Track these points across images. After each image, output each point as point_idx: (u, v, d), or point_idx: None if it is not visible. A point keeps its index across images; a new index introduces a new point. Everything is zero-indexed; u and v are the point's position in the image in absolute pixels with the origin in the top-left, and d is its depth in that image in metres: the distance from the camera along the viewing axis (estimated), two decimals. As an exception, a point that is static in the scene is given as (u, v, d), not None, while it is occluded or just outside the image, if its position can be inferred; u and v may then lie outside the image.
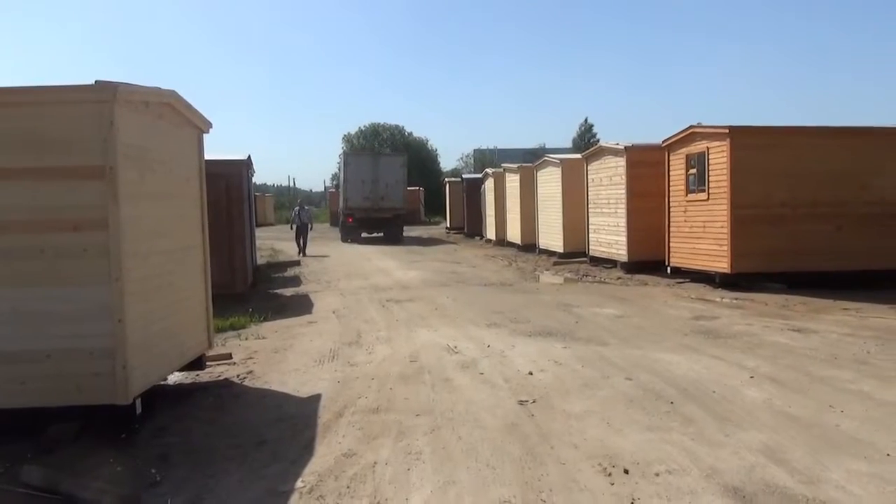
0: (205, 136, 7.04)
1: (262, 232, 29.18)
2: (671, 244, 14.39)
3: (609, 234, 16.60)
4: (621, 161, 15.83)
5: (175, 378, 6.85)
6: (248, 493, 4.23)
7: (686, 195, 13.85)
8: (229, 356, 7.77)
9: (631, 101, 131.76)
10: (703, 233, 13.22)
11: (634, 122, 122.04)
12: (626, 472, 4.31)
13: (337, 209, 35.82)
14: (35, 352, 4.94)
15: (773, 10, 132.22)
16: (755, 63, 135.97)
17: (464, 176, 38.41)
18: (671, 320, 9.68)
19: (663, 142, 14.62)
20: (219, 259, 9.70)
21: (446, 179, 41.97)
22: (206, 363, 7.11)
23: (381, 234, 29.73)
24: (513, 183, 23.79)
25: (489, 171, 27.90)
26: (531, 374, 6.75)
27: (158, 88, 5.87)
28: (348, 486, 4.24)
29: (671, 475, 4.25)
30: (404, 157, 31.87)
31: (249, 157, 15.27)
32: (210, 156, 7.28)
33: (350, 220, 29.48)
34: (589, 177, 17.80)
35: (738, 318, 9.73)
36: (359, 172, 29.49)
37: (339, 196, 33.68)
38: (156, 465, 4.66)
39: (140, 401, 5.33)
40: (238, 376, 7.06)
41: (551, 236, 20.24)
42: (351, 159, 30.86)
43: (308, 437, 5.15)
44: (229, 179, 12.55)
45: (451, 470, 4.43)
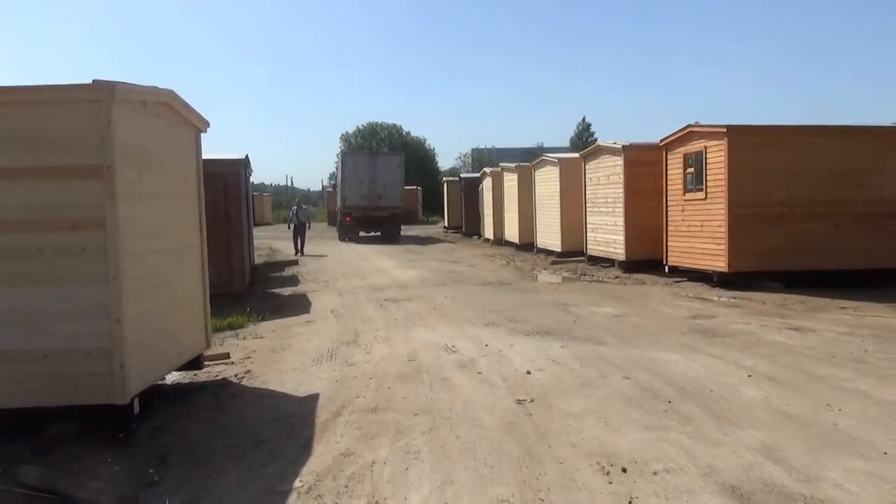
0: (202, 135, 7.05)
1: (259, 231, 29.19)
2: (669, 243, 14.41)
3: (607, 233, 16.61)
4: (619, 160, 15.85)
5: (173, 378, 6.85)
6: (247, 492, 4.23)
7: (684, 194, 13.86)
8: (227, 356, 7.76)
9: (629, 101, 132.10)
10: (700, 232, 13.24)
11: (632, 122, 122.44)
12: (624, 470, 4.32)
13: (335, 208, 35.93)
14: (32, 351, 4.94)
15: (772, 10, 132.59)
16: (754, 63, 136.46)
17: (462, 175, 38.44)
18: (669, 319, 9.69)
19: (661, 141, 14.64)
20: (217, 258, 9.70)
21: (444, 179, 41.98)
22: (204, 363, 7.11)
23: (379, 233, 29.84)
24: (511, 182, 23.80)
25: (487, 170, 27.94)
26: (529, 373, 6.75)
27: (156, 88, 5.87)
28: (346, 486, 4.24)
29: (669, 474, 4.26)
30: (401, 156, 32.07)
31: (247, 156, 15.26)
32: (208, 155, 7.28)
33: (348, 218, 29.66)
34: (587, 176, 17.82)
35: (736, 316, 9.75)
36: (356, 172, 29.67)
37: (336, 195, 33.83)
38: (154, 464, 4.66)
39: (138, 400, 5.33)
40: (236, 376, 7.06)
41: (549, 235, 20.26)
42: (348, 158, 31.15)
43: (306, 437, 5.14)
44: (227, 179, 12.54)
45: (449, 469, 4.43)
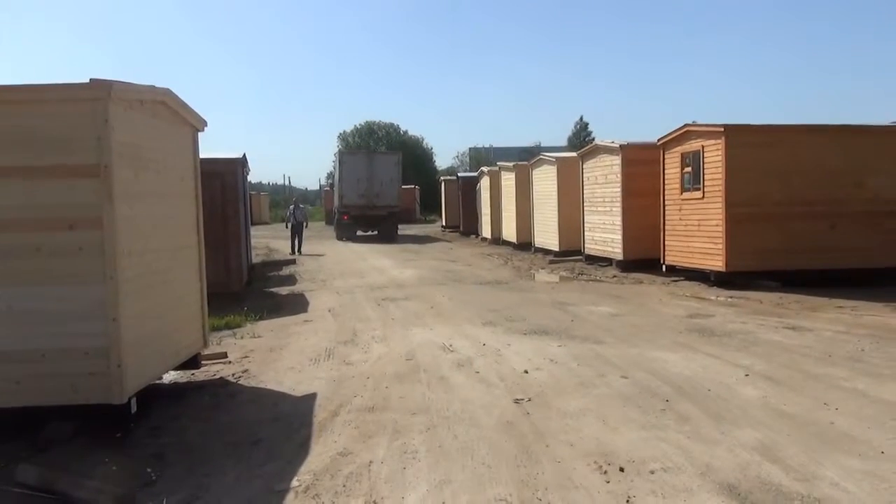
0: (200, 134, 7.04)
1: (257, 230, 29.21)
2: (666, 242, 14.43)
3: (604, 232, 16.62)
4: (616, 159, 15.85)
5: (170, 377, 6.84)
6: (244, 492, 4.23)
7: (681, 193, 13.88)
8: (225, 355, 7.76)
9: (626, 100, 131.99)
10: (698, 231, 13.25)
11: (630, 121, 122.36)
12: (622, 470, 4.32)
13: (332, 207, 36.01)
14: (30, 351, 4.92)
15: (770, 10, 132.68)
16: (752, 62, 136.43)
17: (459, 174, 38.38)
18: (666, 318, 9.70)
19: (658, 140, 14.64)
20: (214, 258, 9.69)
21: (442, 178, 42.00)
22: (202, 362, 7.10)
23: (376, 233, 29.88)
24: (508, 181, 23.80)
25: (485, 169, 27.92)
26: (527, 372, 6.76)
27: (153, 87, 5.86)
28: (344, 485, 4.24)
29: (666, 473, 4.27)
30: (398, 155, 32.16)
31: (244, 155, 15.24)
32: (205, 154, 7.28)
33: (345, 218, 29.71)
34: (584, 175, 17.83)
35: (733, 316, 9.76)
36: (354, 171, 29.74)
37: (334, 194, 33.88)
38: (151, 464, 4.66)
39: (135, 400, 5.32)
40: (233, 375, 7.05)
41: (547, 235, 20.27)
42: (346, 158, 31.24)
43: (304, 436, 5.14)
44: (224, 178, 12.51)
45: (446, 469, 4.43)
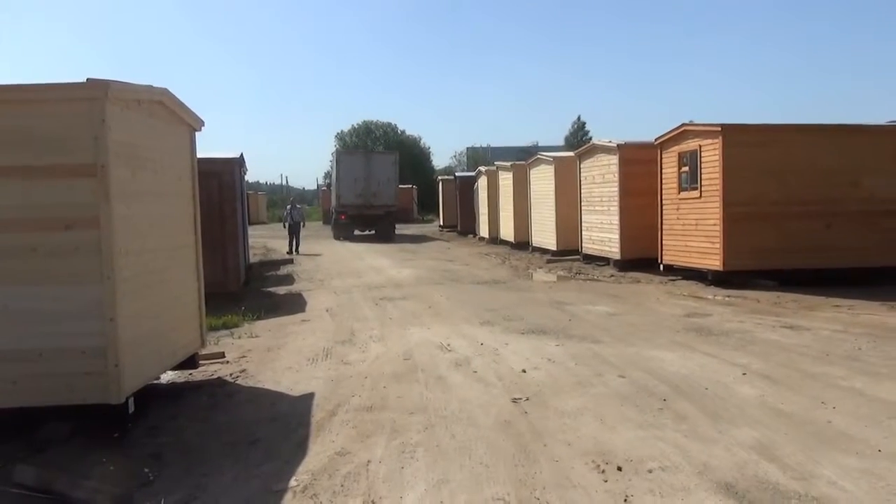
0: (197, 133, 7.03)
1: (254, 230, 29.17)
2: (664, 242, 14.44)
3: (602, 231, 16.63)
4: (614, 159, 15.87)
5: (168, 377, 6.83)
6: (242, 491, 4.22)
7: (678, 193, 13.89)
8: (222, 355, 7.75)
9: (624, 100, 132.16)
10: (695, 230, 13.27)
11: (627, 120, 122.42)
12: (620, 469, 4.33)
13: (329, 207, 36.02)
14: (27, 351, 4.92)
15: (768, 9, 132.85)
16: (752, 62, 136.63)
17: (457, 174, 38.45)
18: (664, 318, 9.71)
19: (656, 140, 14.65)
20: (211, 257, 9.66)
21: (439, 177, 42.03)
22: (199, 362, 7.10)
23: (374, 232, 29.89)
24: (506, 181, 23.81)
25: (482, 168, 27.95)
26: (524, 371, 6.76)
27: (150, 86, 5.85)
28: (342, 485, 4.24)
29: (664, 472, 4.27)
30: (396, 155, 32.23)
31: (242, 155, 15.23)
32: (202, 154, 7.27)
33: (343, 217, 29.73)
34: (582, 175, 17.84)
35: (731, 315, 9.78)
36: (351, 170, 29.77)
37: (331, 194, 33.88)
38: (149, 464, 4.65)
39: (133, 400, 5.31)
40: (231, 375, 7.05)
41: (544, 234, 20.28)
42: (343, 157, 31.29)
43: (301, 436, 5.14)
44: (222, 177, 12.51)
45: (444, 468, 4.43)
